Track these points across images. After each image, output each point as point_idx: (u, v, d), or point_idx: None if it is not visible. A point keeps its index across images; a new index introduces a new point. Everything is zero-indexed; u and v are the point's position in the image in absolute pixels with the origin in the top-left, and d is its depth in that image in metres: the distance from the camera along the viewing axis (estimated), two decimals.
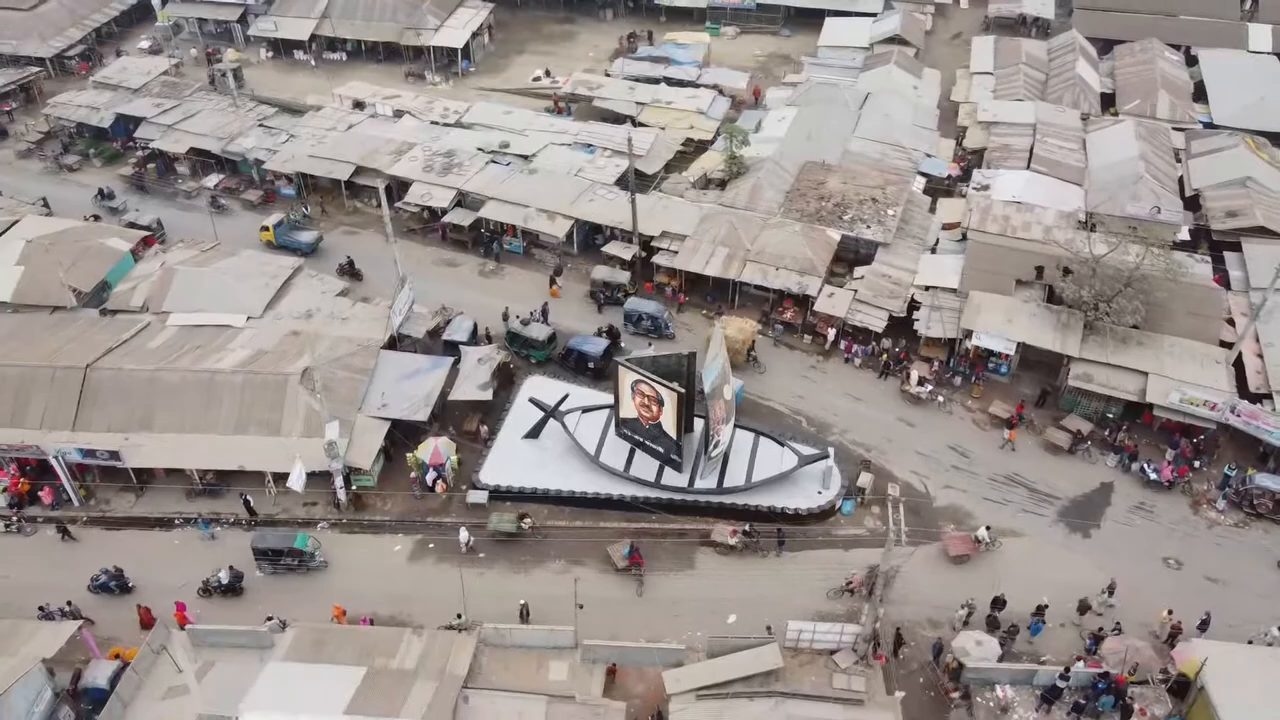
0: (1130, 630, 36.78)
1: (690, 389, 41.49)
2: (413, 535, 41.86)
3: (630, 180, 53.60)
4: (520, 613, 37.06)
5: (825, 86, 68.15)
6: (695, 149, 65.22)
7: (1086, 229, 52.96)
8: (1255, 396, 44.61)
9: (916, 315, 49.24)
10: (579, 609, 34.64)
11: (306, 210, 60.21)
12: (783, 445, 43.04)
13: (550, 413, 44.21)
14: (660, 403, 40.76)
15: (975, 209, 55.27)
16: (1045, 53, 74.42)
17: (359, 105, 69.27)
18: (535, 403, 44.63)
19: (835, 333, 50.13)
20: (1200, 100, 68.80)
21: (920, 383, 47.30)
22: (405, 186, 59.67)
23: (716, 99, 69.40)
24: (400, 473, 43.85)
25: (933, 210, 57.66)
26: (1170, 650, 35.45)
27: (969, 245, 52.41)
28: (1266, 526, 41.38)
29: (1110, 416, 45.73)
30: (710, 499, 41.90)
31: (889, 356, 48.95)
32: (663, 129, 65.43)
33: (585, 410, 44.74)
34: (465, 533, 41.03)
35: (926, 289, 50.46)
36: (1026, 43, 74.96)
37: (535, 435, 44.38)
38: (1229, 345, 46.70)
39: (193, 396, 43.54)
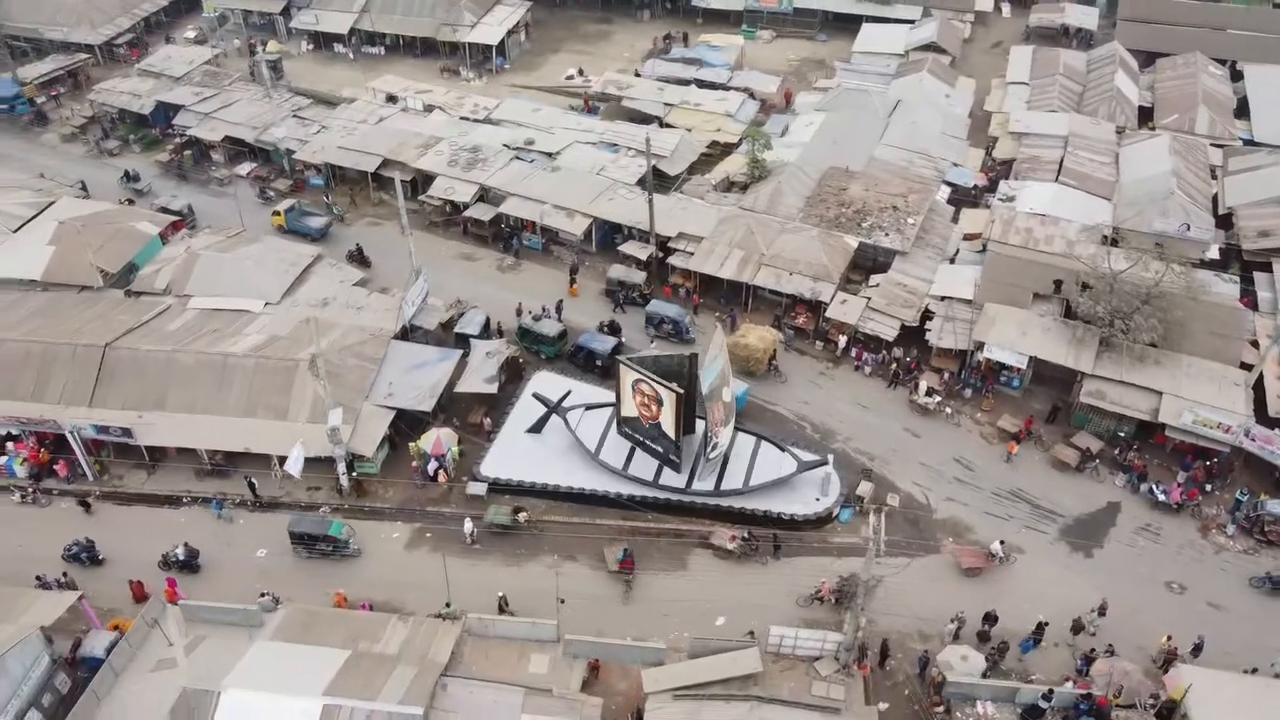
0: (1125, 653, 36.05)
1: (691, 390, 41.51)
2: (411, 524, 42.38)
3: (648, 180, 53.73)
4: (499, 604, 37.37)
5: (854, 93, 67.71)
6: (721, 151, 65.15)
7: (1111, 244, 51.99)
8: (1275, 421, 43.46)
9: (929, 325, 48.74)
10: (560, 603, 34.84)
11: (336, 209, 60.97)
12: (783, 450, 42.86)
13: (553, 408, 44.49)
14: (660, 402, 40.80)
15: (998, 220, 54.51)
16: (1084, 64, 73.12)
17: (392, 99, 70.22)
18: (538, 398, 44.95)
19: (846, 340, 49.80)
20: (1243, 116, 67.13)
21: (929, 393, 46.82)
22: (431, 180, 60.41)
23: (745, 102, 69.20)
24: (403, 461, 44.44)
25: (955, 220, 57.04)
26: (1164, 675, 34.72)
27: (987, 256, 51.74)
28: (1276, 554, 40.33)
29: (1122, 435, 44.87)
30: (707, 501, 41.89)
31: (899, 366, 48.50)
32: (689, 130, 65.45)
33: (589, 407, 44.95)
34: (470, 524, 41.43)
35: (942, 299, 49.92)
36: (1065, 53, 73.70)
37: (538, 430, 44.68)
38: (1251, 367, 45.61)
39: (205, 378, 44.53)
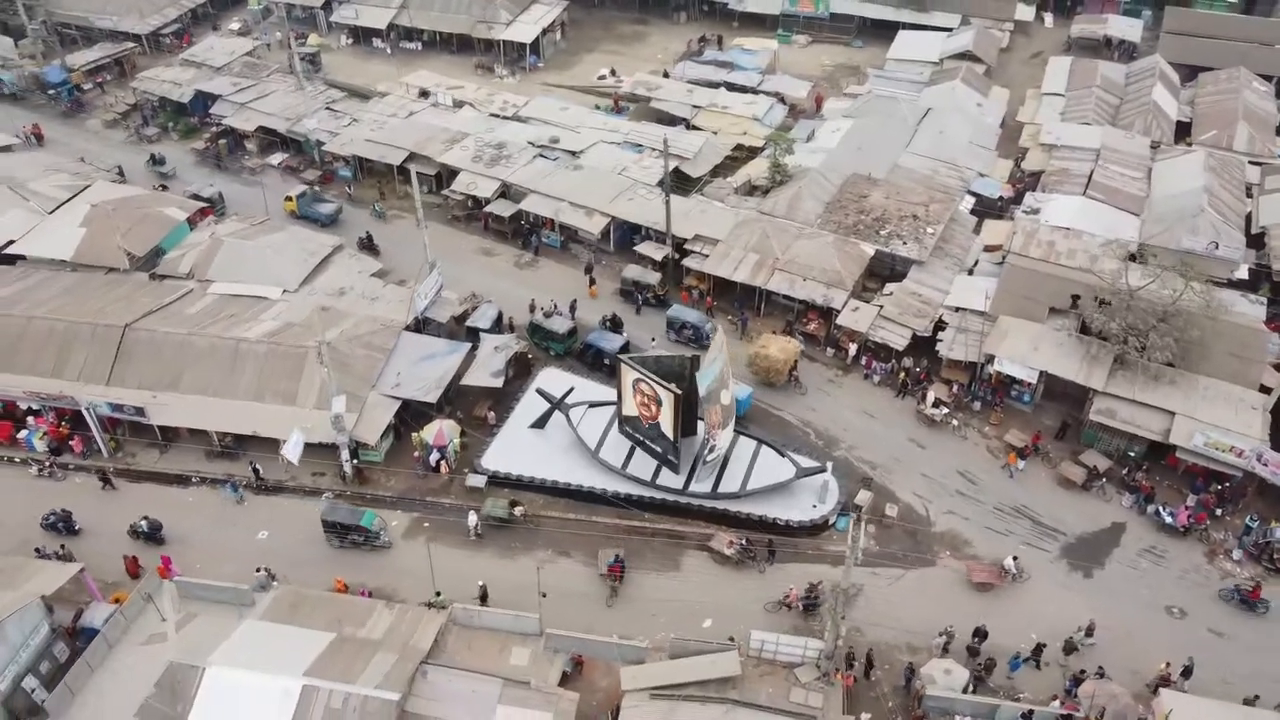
0: (1119, 676, 35.43)
1: (692, 392, 41.49)
2: (410, 513, 42.91)
3: (665, 181, 53.78)
4: (480, 594, 37.73)
5: (884, 100, 67.14)
6: (748, 155, 64.97)
7: (1135, 260, 50.96)
8: None
9: (941, 336, 48.21)
10: (542, 597, 35.07)
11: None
12: (783, 455, 42.69)
13: (556, 404, 44.78)
14: (659, 403, 40.88)
15: (1020, 232, 53.73)
16: (1123, 77, 71.76)
17: (424, 94, 71.06)
18: (542, 394, 45.29)
19: (857, 348, 49.44)
20: None
21: (936, 404, 46.32)
22: (455, 175, 61.02)
23: (774, 106, 68.99)
24: (407, 451, 45.02)
25: (978, 231, 56.32)
26: (1154, 698, 34.05)
27: (1005, 269, 51.04)
28: None
29: (1132, 455, 43.99)
30: (703, 503, 41.87)
31: (908, 376, 48.03)
32: (715, 133, 65.40)
33: (592, 405, 45.13)
34: (474, 517, 41.80)
35: (956, 310, 49.35)
36: (1104, 65, 72.35)
37: (541, 426, 44.99)
38: (1270, 391, 44.46)
39: (218, 361, 45.51)
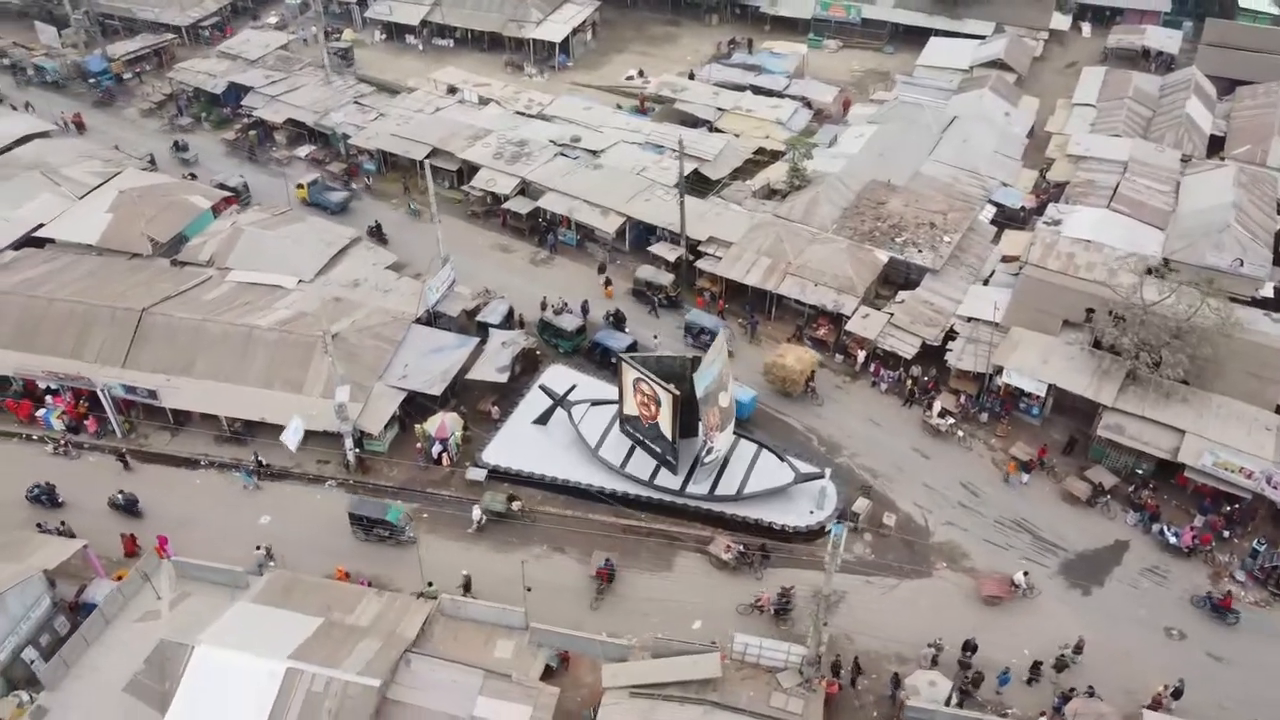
0: (1112, 696, 34.83)
1: (691, 393, 41.45)
2: (410, 504, 43.27)
3: (680, 183, 53.81)
4: (464, 584, 38.06)
5: (909, 106, 66.62)
6: (770, 158, 64.76)
7: (1153, 274, 50.05)
8: None
9: (950, 345, 47.73)
10: (527, 591, 35.28)
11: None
12: (782, 460, 42.53)
13: (558, 401, 45.01)
14: (658, 403, 40.94)
15: (1039, 243, 53.02)
16: (1158, 89, 70.51)
17: (452, 90, 71.75)
18: (545, 390, 45.54)
19: (866, 355, 49.11)
20: None
21: (942, 414, 45.86)
22: (476, 171, 61.54)
23: (799, 110, 68.73)
24: (410, 442, 45.47)
25: (997, 241, 55.67)
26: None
27: (1019, 280, 50.41)
28: None
29: (1140, 473, 43.22)
30: (700, 505, 41.85)
31: (915, 384, 47.61)
32: (736, 136, 65.31)
33: (594, 403, 45.29)
34: (478, 511, 42.11)
35: (968, 320, 48.83)
36: (1138, 76, 71.15)
37: (544, 422, 45.24)
38: None
39: (231, 348, 46.35)
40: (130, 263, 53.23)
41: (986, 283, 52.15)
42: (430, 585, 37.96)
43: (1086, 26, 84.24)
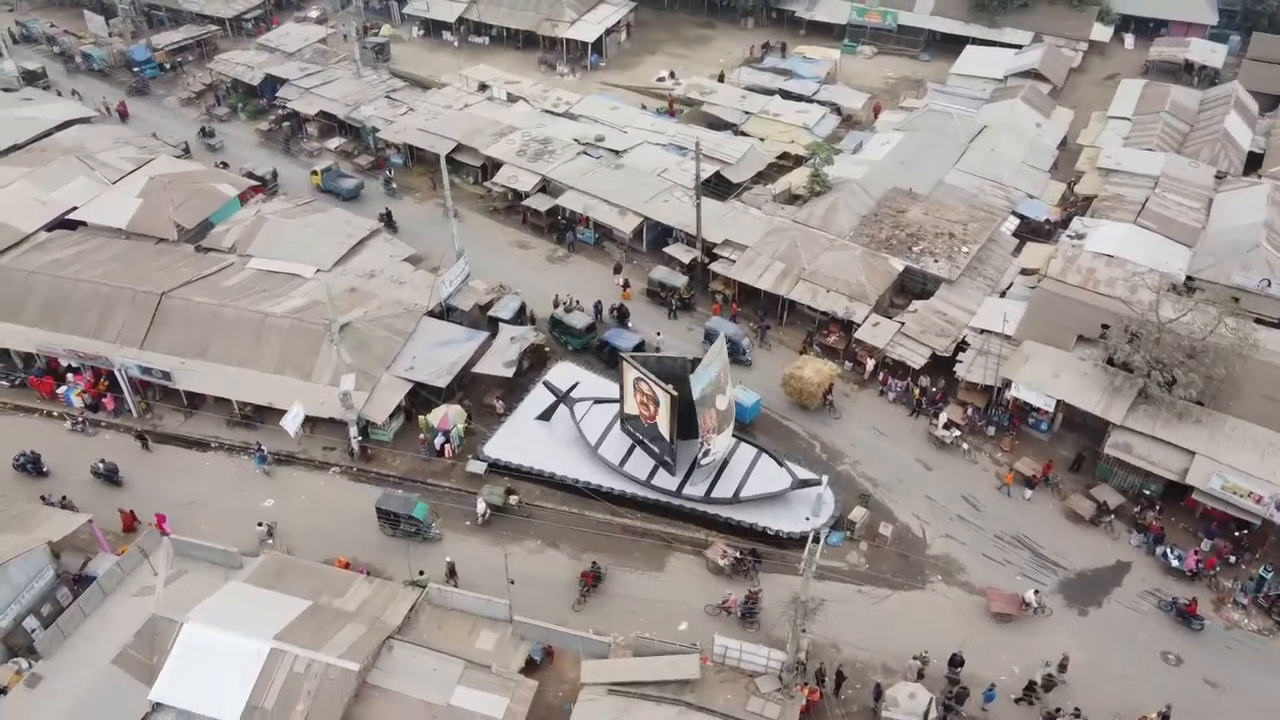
0: (1097, 718, 34.24)
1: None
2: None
3: (697, 185, 53.78)
4: (448, 570, 38.42)
5: (937, 115, 65.88)
6: (795, 163, 64.46)
7: (1176, 290, 49.05)
8: None
9: (961, 357, 47.17)
10: (510, 584, 35.52)
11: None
12: (781, 465, 42.35)
13: (561, 398, 45.25)
14: (656, 403, 41.00)
15: (1060, 257, 52.21)
16: (1197, 103, 69.01)
17: (483, 87, 72.42)
18: (549, 386, 45.81)
19: (875, 363, 48.71)
20: None
21: (948, 426, 45.34)
22: (499, 167, 62.07)
23: (826, 116, 68.34)
24: (415, 433, 45.98)
25: (1018, 253, 54.89)
26: None
27: (1035, 293, 49.67)
28: None
29: (1147, 493, 42.38)
30: (695, 507, 41.81)
31: (923, 395, 47.13)
32: (761, 140, 65.12)
33: (597, 401, 45.45)
34: (482, 504, 42.48)
35: (981, 332, 48.22)
36: (1176, 90, 69.67)
37: (546, 418, 45.51)
38: None
39: (244, 333, 47.24)
40: (156, 247, 54.45)
41: (1004, 295, 51.46)
42: (422, 574, 38.40)
43: (1129, 38, 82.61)
